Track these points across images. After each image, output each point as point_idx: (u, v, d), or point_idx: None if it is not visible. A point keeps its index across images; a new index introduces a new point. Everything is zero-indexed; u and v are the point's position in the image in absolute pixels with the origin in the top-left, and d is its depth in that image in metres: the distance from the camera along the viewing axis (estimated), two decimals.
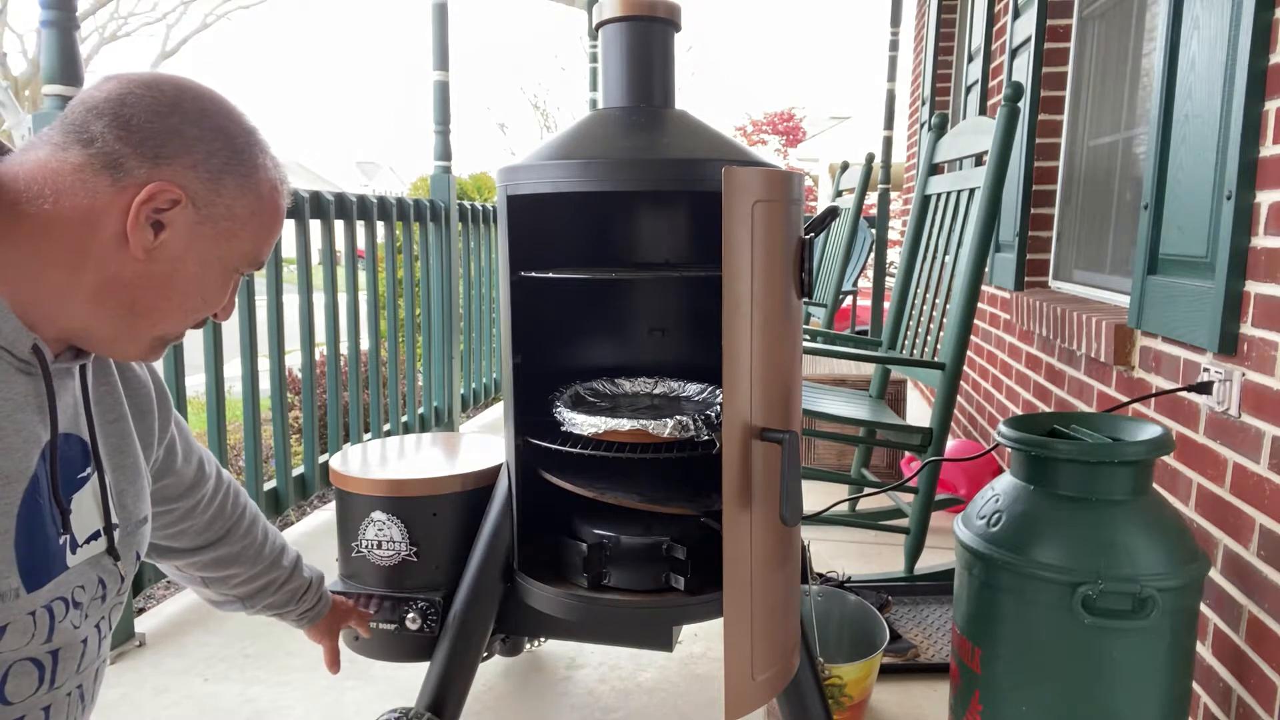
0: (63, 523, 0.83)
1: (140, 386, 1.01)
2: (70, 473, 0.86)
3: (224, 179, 0.83)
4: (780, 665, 1.28)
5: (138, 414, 0.99)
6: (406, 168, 43.42)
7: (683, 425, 1.39)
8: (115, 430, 0.94)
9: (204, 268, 0.85)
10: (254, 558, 1.26)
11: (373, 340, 3.31)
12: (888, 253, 5.49)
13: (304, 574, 1.34)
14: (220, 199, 0.83)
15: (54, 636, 0.83)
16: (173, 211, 0.81)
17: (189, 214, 0.82)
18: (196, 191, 0.82)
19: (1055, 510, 1.33)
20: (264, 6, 26.74)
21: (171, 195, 0.80)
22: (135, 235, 0.79)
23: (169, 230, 0.81)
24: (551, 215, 1.57)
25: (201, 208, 0.82)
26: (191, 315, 0.88)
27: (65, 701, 0.87)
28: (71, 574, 0.85)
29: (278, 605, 1.32)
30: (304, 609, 1.35)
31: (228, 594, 1.27)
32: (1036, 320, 2.60)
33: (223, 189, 0.83)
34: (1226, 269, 1.51)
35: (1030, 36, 2.92)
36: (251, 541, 1.25)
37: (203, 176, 0.82)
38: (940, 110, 4.79)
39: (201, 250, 0.84)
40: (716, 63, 74.70)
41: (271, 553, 1.29)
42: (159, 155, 0.80)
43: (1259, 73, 1.46)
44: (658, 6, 1.40)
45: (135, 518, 0.96)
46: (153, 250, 0.81)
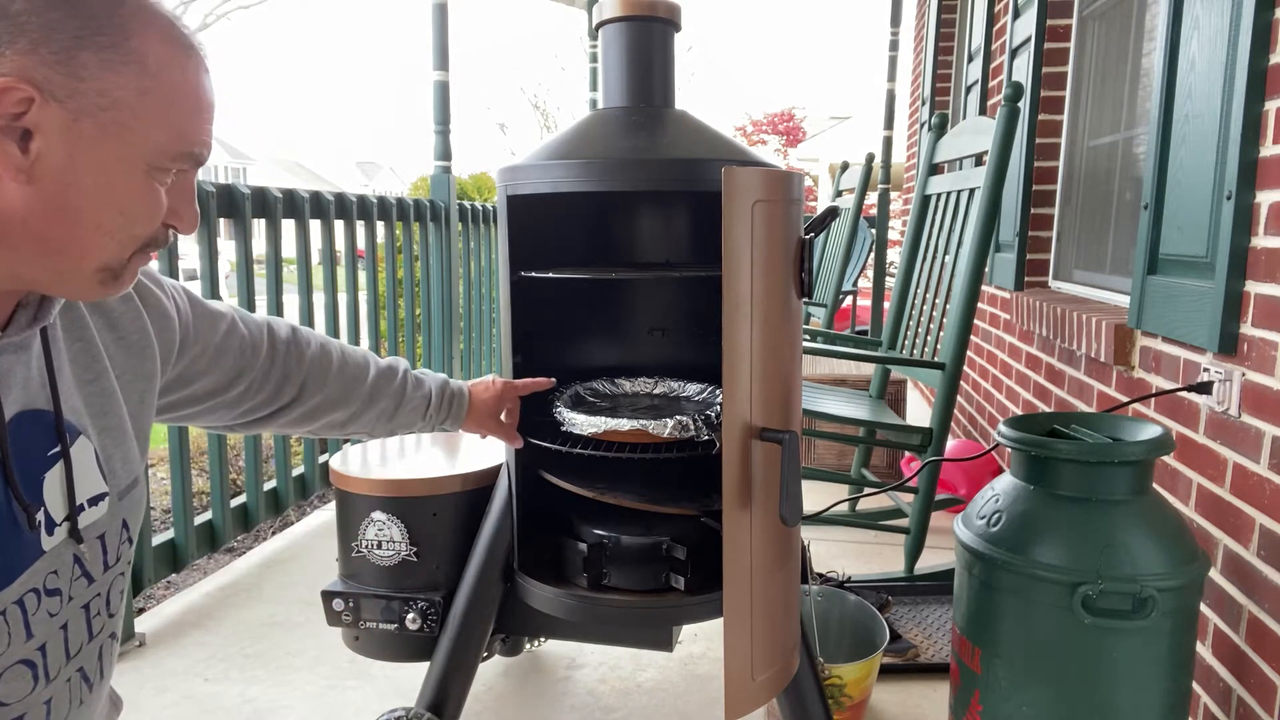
0: (27, 515, 0.75)
1: (128, 321, 0.89)
2: (38, 452, 0.77)
3: (79, 55, 0.66)
4: (780, 665, 1.28)
5: (132, 356, 0.89)
6: (406, 168, 43.46)
7: (683, 425, 1.39)
8: (96, 390, 0.84)
9: (105, 175, 0.69)
10: (343, 399, 1.16)
11: (373, 340, 3.31)
12: (888, 253, 5.48)
13: (419, 392, 1.23)
14: (85, 84, 0.66)
15: (33, 632, 0.77)
16: (32, 114, 0.64)
17: (55, 112, 0.65)
18: (49, 80, 0.65)
19: (1055, 510, 1.33)
20: (264, 6, 26.75)
21: (19, 94, 0.64)
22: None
23: (39, 138, 0.65)
24: (551, 215, 1.57)
25: (66, 100, 0.65)
26: (122, 236, 0.73)
27: (65, 689, 0.82)
28: (46, 559, 0.78)
29: (406, 425, 1.23)
30: (439, 420, 1.26)
31: (339, 432, 1.19)
32: (1036, 320, 2.60)
33: (84, 70, 0.66)
34: (1226, 269, 1.51)
35: (1030, 36, 2.92)
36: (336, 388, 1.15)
37: (48, 60, 0.64)
38: (940, 110, 4.78)
39: (91, 154, 0.68)
40: (716, 63, 74.61)
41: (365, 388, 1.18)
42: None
43: (1259, 73, 1.46)
44: (658, 6, 1.40)
45: (125, 482, 0.88)
46: (29, 169, 0.66)
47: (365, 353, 1.25)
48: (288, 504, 2.79)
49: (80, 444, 0.83)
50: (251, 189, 2.51)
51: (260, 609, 2.26)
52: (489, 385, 1.36)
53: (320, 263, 3.11)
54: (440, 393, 1.28)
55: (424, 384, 1.27)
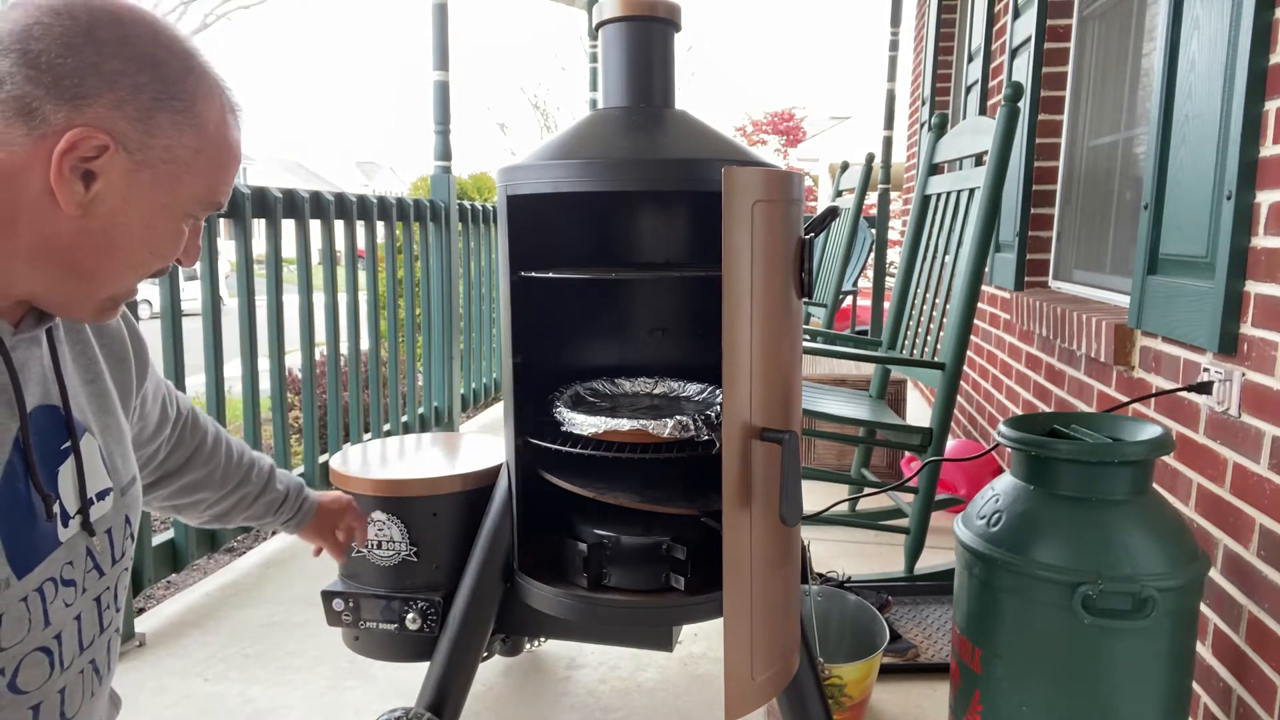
0: (46, 506, 0.79)
1: (115, 335, 0.94)
2: (51, 446, 0.81)
3: (157, 116, 0.73)
4: (780, 665, 1.28)
5: (115, 364, 0.93)
6: (406, 168, 43.48)
7: (683, 425, 1.39)
8: (95, 390, 0.88)
9: (150, 219, 0.76)
10: (220, 480, 1.19)
11: (373, 340, 3.31)
12: (888, 253, 5.48)
13: (278, 487, 1.27)
14: (156, 140, 0.73)
15: (50, 620, 0.80)
16: (102, 159, 0.71)
17: (122, 160, 0.72)
18: (126, 134, 0.72)
19: (1055, 510, 1.33)
20: (264, 6, 26.74)
21: (97, 141, 0.70)
22: (62, 190, 0.70)
23: (101, 181, 0.72)
24: (551, 215, 1.57)
25: (135, 152, 0.73)
26: (142, 270, 0.80)
27: (79, 679, 0.85)
28: (62, 550, 0.81)
29: (256, 518, 1.26)
30: (285, 519, 1.29)
31: (201, 516, 1.21)
32: (1036, 320, 2.60)
33: (157, 128, 0.73)
34: (1226, 269, 1.51)
35: (1030, 36, 2.92)
36: (215, 467, 1.19)
37: (130, 116, 0.72)
38: (940, 110, 4.79)
39: (143, 200, 0.75)
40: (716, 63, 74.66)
41: (238, 473, 1.22)
42: (78, 95, 0.69)
43: (1259, 73, 1.46)
44: (658, 6, 1.40)
45: (125, 478, 0.91)
46: (87, 205, 0.72)
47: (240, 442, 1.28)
48: None
49: (87, 439, 0.86)
50: (251, 189, 2.51)
51: (260, 609, 2.26)
52: (336, 500, 1.38)
53: (320, 263, 3.11)
54: (296, 495, 1.30)
55: (284, 481, 1.29)
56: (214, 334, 2.40)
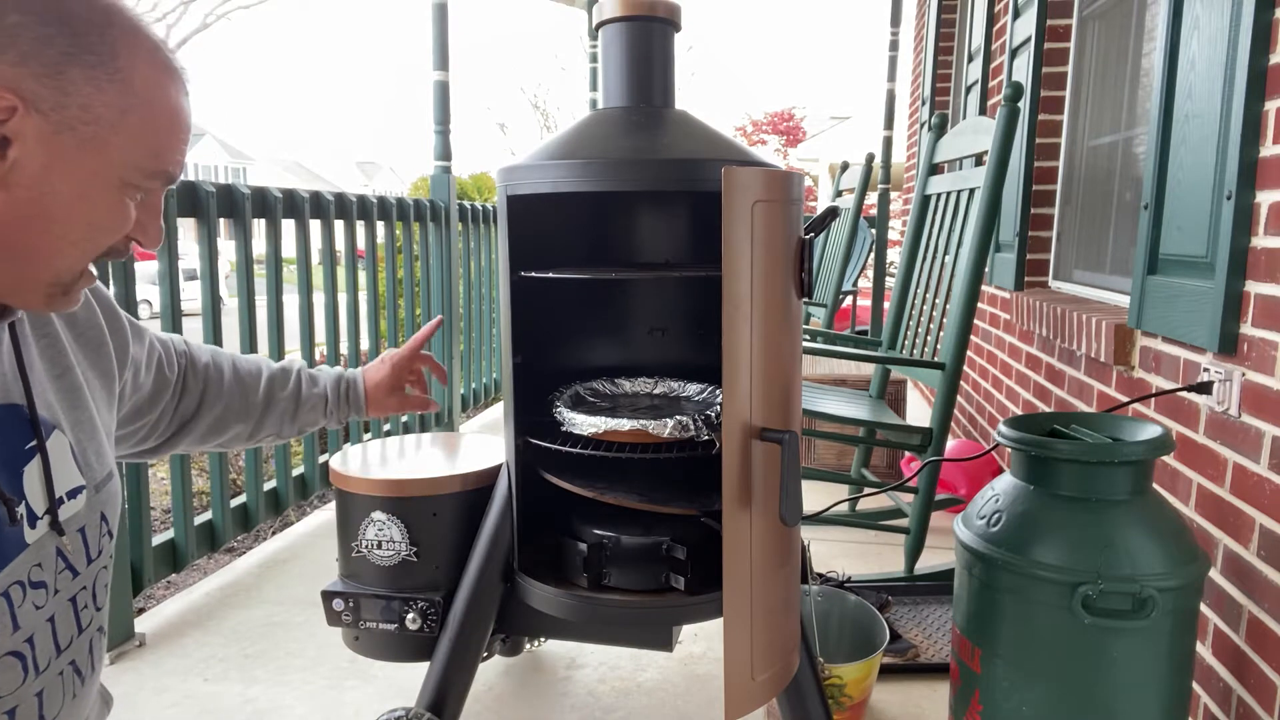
0: (9, 510, 0.76)
1: (88, 321, 0.90)
2: (16, 446, 0.78)
3: (68, 71, 0.67)
4: (780, 665, 1.28)
5: (91, 352, 0.90)
6: (406, 168, 43.48)
7: (683, 425, 1.39)
8: (65, 385, 0.85)
9: (79, 187, 0.70)
10: (243, 409, 1.16)
11: (373, 340, 3.31)
12: (888, 253, 5.48)
13: (315, 390, 1.23)
14: (70, 98, 0.68)
15: (20, 624, 0.77)
16: (13, 123, 0.66)
17: (36, 122, 0.67)
18: (36, 93, 0.66)
19: (1055, 510, 1.33)
20: (264, 6, 26.77)
21: (3, 102, 0.65)
22: None
23: (17, 146, 0.67)
24: (551, 215, 1.57)
25: (50, 113, 0.67)
26: (84, 247, 0.74)
27: (58, 681, 0.83)
28: (29, 553, 0.78)
29: (310, 424, 1.23)
30: (340, 415, 1.26)
31: (244, 444, 1.19)
32: (1036, 320, 2.60)
33: (70, 84, 0.67)
34: (1226, 269, 1.51)
35: (1030, 36, 2.92)
36: (233, 397, 1.15)
37: (37, 72, 0.66)
38: (940, 110, 4.79)
39: (70, 166, 0.69)
40: (717, 62, 74.57)
41: (261, 393, 1.18)
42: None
43: (1259, 72, 1.46)
44: (658, 6, 1.40)
45: (100, 475, 0.88)
46: (4, 176, 0.67)
47: (259, 358, 1.24)
48: (288, 504, 2.79)
49: (55, 437, 0.83)
50: (251, 189, 2.51)
51: (260, 609, 2.26)
52: (380, 364, 1.33)
53: (320, 263, 3.11)
54: (336, 386, 1.27)
55: (319, 380, 1.26)
56: (214, 334, 2.40)
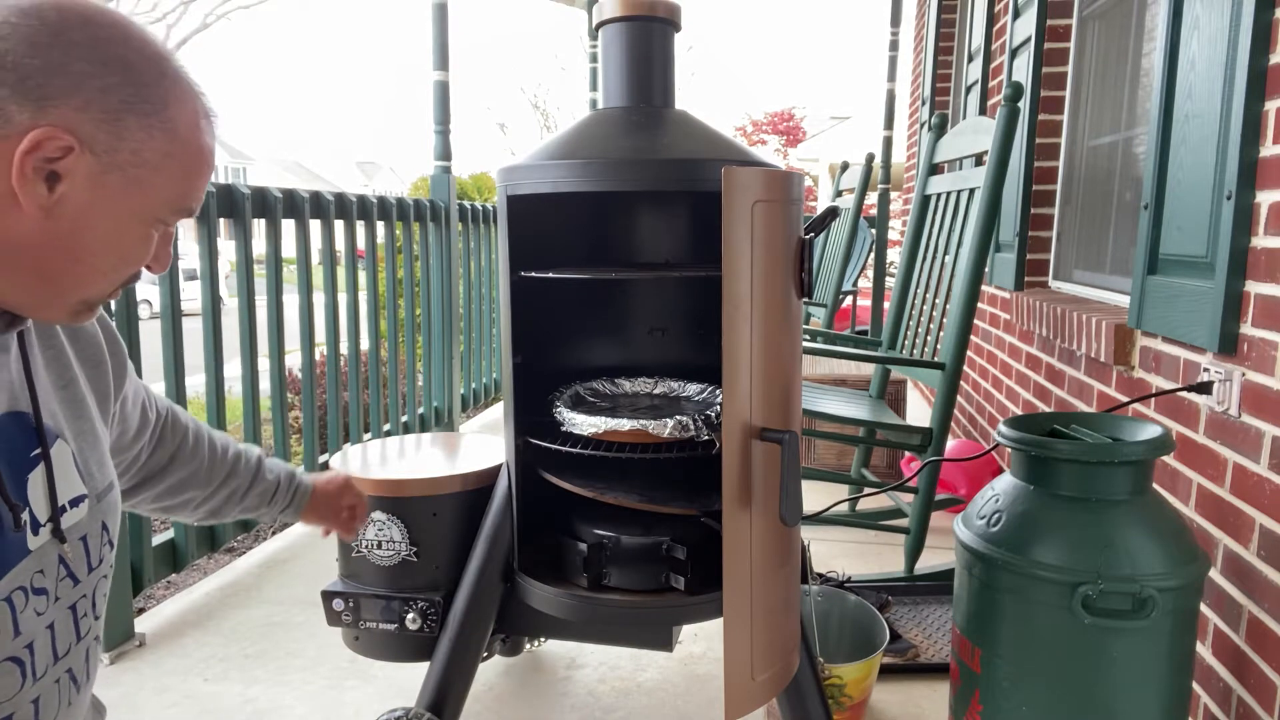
0: (13, 513, 0.77)
1: (89, 339, 0.93)
2: (21, 453, 0.80)
3: (125, 119, 0.72)
4: (780, 665, 1.28)
5: (91, 368, 0.92)
6: (406, 168, 43.49)
7: (683, 425, 1.39)
8: (69, 396, 0.87)
9: (117, 223, 0.75)
10: (205, 477, 1.18)
11: (373, 340, 3.31)
12: (888, 253, 5.49)
13: (268, 476, 1.25)
14: (124, 143, 0.73)
15: (20, 630, 0.78)
16: (67, 161, 0.70)
17: (88, 163, 0.72)
18: (92, 136, 0.71)
19: (1055, 510, 1.33)
20: (264, 6, 26.76)
21: (61, 142, 0.70)
22: (25, 191, 0.70)
23: (66, 182, 0.71)
24: (551, 215, 1.57)
25: (102, 154, 0.72)
26: (112, 275, 0.79)
27: (55, 689, 0.83)
28: (32, 559, 0.79)
29: (251, 509, 1.24)
30: (281, 507, 1.27)
31: (193, 515, 1.20)
32: (1036, 320, 2.60)
33: (125, 131, 0.73)
34: (1226, 269, 1.51)
35: (1030, 36, 2.92)
36: (199, 463, 1.17)
37: (97, 118, 0.71)
38: (940, 110, 4.79)
39: (110, 204, 0.74)
40: (717, 62, 74.65)
41: (224, 468, 1.20)
42: (43, 96, 0.69)
43: (1259, 72, 1.46)
44: (658, 6, 1.40)
45: (102, 484, 0.90)
46: (50, 207, 0.71)
47: (225, 436, 1.26)
48: None
49: (59, 446, 0.84)
50: (251, 189, 2.51)
51: (260, 609, 2.26)
52: (331, 480, 1.35)
53: (320, 263, 3.11)
54: (289, 481, 1.28)
55: (273, 471, 1.27)
56: (214, 334, 2.40)
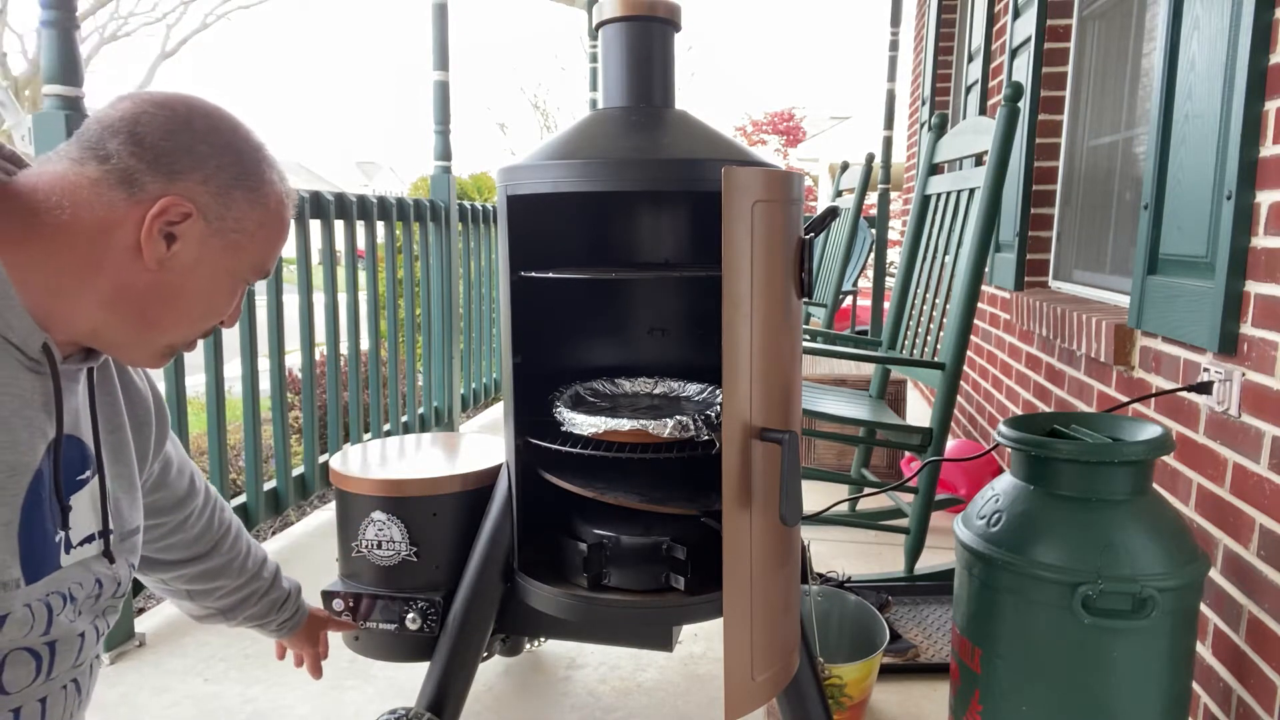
0: (62, 520, 0.86)
1: (141, 399, 1.03)
2: (70, 473, 0.88)
3: (233, 193, 0.87)
4: (780, 665, 1.28)
5: (136, 426, 1.02)
6: (406, 168, 43.45)
7: (683, 425, 1.39)
8: (115, 440, 0.97)
9: (213, 278, 0.89)
10: (239, 569, 1.29)
11: (373, 340, 3.31)
12: (888, 253, 5.48)
13: (283, 585, 1.38)
14: (230, 212, 0.87)
15: (52, 629, 0.85)
16: (184, 224, 0.84)
17: (200, 227, 0.85)
18: (207, 205, 0.85)
19: (1055, 510, 1.33)
20: (264, 6, 26.75)
21: (183, 209, 0.83)
22: (149, 246, 0.83)
23: (180, 242, 0.84)
24: (551, 215, 1.57)
25: (212, 221, 0.86)
26: (199, 324, 0.91)
27: (61, 694, 0.89)
28: (66, 572, 0.87)
29: (258, 616, 1.35)
30: (283, 619, 1.38)
31: (211, 607, 1.30)
32: (1036, 320, 2.60)
33: (232, 203, 0.87)
34: (1226, 269, 1.51)
35: (1030, 36, 2.92)
36: (236, 554, 1.29)
37: (213, 191, 0.85)
38: (940, 110, 4.78)
39: (211, 261, 0.87)
40: (716, 62, 74.73)
41: (254, 565, 1.32)
42: (172, 171, 0.83)
43: (1259, 73, 1.46)
44: (658, 6, 1.40)
45: (128, 526, 0.98)
46: (165, 261, 0.84)
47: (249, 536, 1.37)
48: (288, 504, 2.79)
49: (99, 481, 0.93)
50: None
51: None
52: (318, 612, 1.49)
53: (320, 263, 3.11)
54: (296, 596, 1.41)
55: (288, 581, 1.40)
56: (214, 334, 2.40)
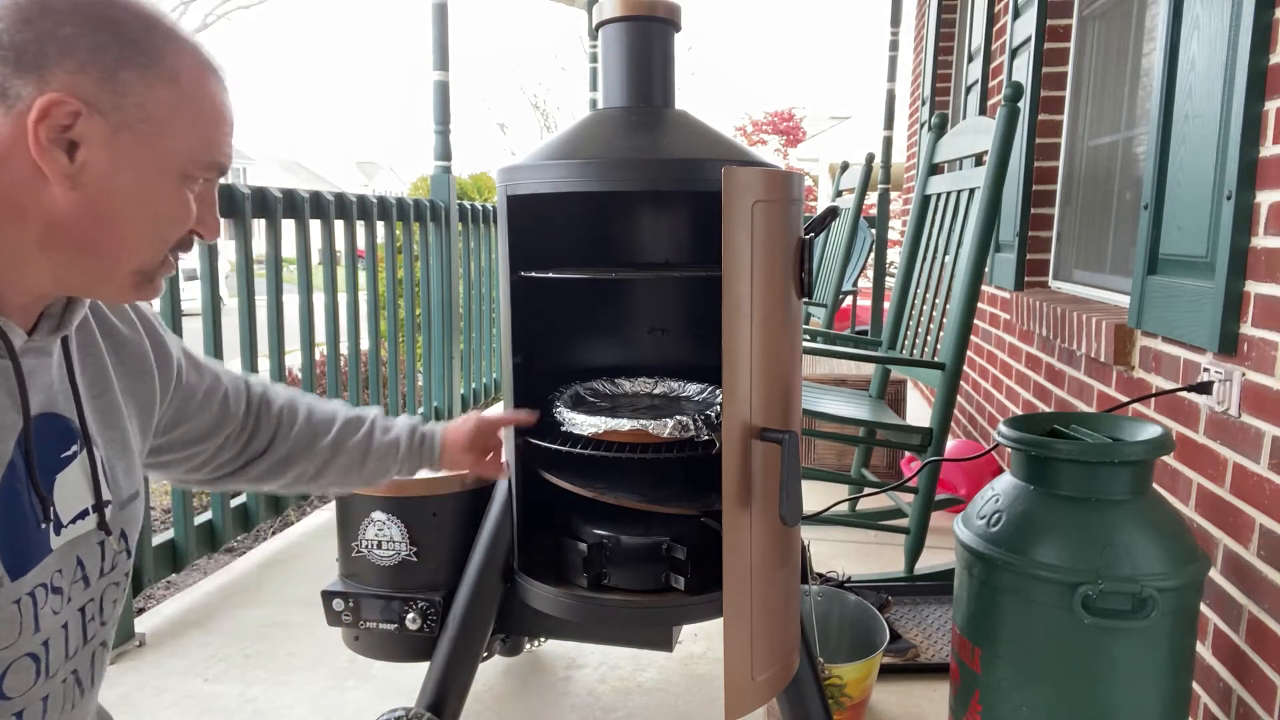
0: (43, 509, 0.80)
1: (133, 350, 0.95)
2: (52, 453, 0.82)
3: (121, 74, 0.73)
4: (780, 665, 1.28)
5: (133, 380, 0.94)
6: (406, 168, 43.46)
7: (683, 425, 1.39)
8: (103, 404, 0.90)
9: (140, 181, 0.76)
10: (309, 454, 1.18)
11: (373, 340, 3.31)
12: (888, 253, 5.48)
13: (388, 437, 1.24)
14: (126, 99, 0.73)
15: (40, 626, 0.80)
16: (79, 126, 0.71)
17: (99, 125, 0.72)
18: (95, 96, 0.72)
19: (1055, 510, 1.33)
20: (264, 6, 26.75)
21: (68, 107, 0.71)
22: (47, 163, 0.71)
23: (84, 148, 0.72)
24: (551, 215, 1.57)
25: (110, 114, 0.73)
26: (155, 239, 0.79)
27: (62, 689, 0.85)
28: (54, 557, 0.82)
29: (377, 474, 1.23)
30: (413, 466, 1.26)
31: (308, 487, 1.21)
32: (1036, 320, 2.60)
33: (125, 87, 0.73)
34: (1226, 269, 1.51)
35: (1030, 36, 2.92)
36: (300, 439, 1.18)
37: (95, 77, 0.72)
38: (940, 110, 4.79)
39: (130, 163, 0.75)
40: (716, 62, 74.74)
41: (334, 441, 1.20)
42: (40, 66, 0.70)
43: (1259, 73, 1.46)
44: (658, 6, 1.40)
45: (126, 493, 0.91)
46: (75, 176, 0.72)
47: (336, 405, 1.25)
48: (288, 504, 2.79)
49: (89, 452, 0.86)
50: (251, 189, 2.51)
51: (260, 609, 2.26)
52: (462, 424, 1.33)
53: (320, 263, 3.11)
54: (410, 437, 1.27)
55: (392, 430, 1.27)
56: (214, 334, 2.40)
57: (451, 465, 1.32)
